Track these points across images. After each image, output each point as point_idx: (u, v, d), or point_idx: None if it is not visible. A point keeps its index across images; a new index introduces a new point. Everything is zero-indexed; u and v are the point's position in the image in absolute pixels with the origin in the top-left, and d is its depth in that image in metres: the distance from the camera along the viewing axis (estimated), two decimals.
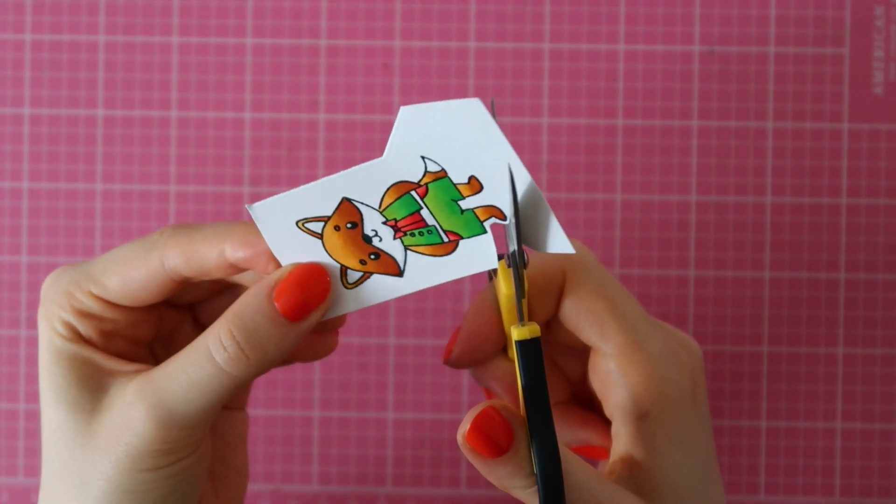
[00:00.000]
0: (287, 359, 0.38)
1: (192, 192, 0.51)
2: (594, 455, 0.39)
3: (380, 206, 0.33)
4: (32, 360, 0.50)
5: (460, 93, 0.50)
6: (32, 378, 0.50)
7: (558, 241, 0.33)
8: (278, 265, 0.34)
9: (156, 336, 0.39)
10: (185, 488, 0.36)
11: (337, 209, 0.33)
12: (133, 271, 0.35)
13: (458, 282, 0.50)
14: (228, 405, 0.40)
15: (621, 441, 0.36)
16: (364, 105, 0.51)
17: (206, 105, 0.51)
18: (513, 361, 0.38)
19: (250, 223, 0.34)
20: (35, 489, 0.50)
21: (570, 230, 0.50)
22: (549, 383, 0.39)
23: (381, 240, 0.34)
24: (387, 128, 0.50)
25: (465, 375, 0.50)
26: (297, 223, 0.34)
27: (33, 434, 0.50)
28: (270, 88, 0.51)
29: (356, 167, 0.33)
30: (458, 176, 0.33)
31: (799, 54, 0.50)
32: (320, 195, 0.33)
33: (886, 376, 0.50)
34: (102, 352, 0.36)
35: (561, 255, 0.36)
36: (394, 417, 0.50)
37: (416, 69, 0.51)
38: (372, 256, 0.34)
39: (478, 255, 0.34)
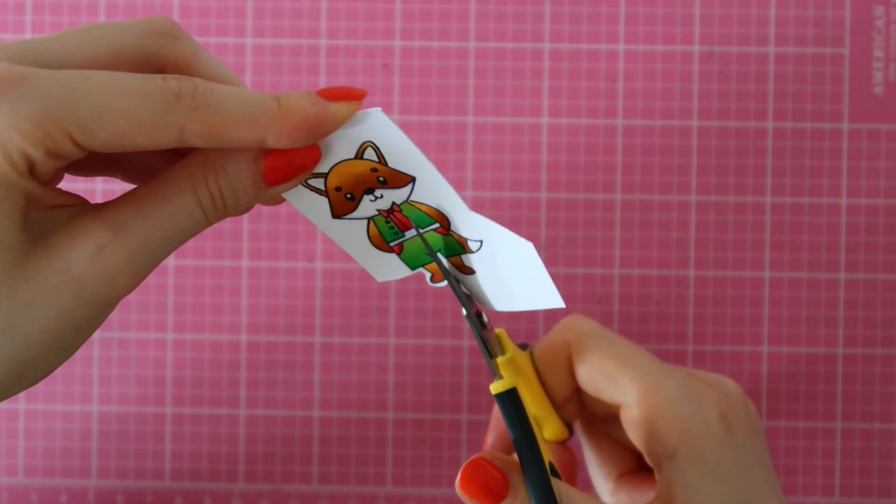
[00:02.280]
0: None
1: None
2: None
3: (407, 199, 0.34)
4: None
5: (460, 93, 0.50)
6: None
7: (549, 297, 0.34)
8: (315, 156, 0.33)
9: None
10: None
11: (398, 172, 0.33)
12: (138, 134, 0.30)
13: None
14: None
15: (658, 484, 0.37)
16: (364, 105, 0.51)
17: None
18: (550, 442, 0.41)
19: (289, 101, 0.32)
20: (35, 488, 0.50)
21: (570, 230, 0.50)
22: (612, 456, 0.42)
23: (373, 200, 0.34)
24: None
25: (465, 376, 0.50)
26: (364, 142, 0.33)
27: (33, 434, 0.50)
28: (270, 88, 0.51)
29: (445, 180, 0.33)
30: (474, 245, 0.34)
31: (799, 54, 0.50)
32: (405, 155, 0.33)
33: (886, 376, 0.50)
34: (43, 184, 0.31)
35: (563, 330, 0.39)
36: (394, 417, 0.50)
37: (416, 69, 0.51)
38: (348, 196, 0.34)
39: (384, 267, 0.36)
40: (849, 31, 0.50)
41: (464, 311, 0.35)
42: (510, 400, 0.34)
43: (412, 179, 0.33)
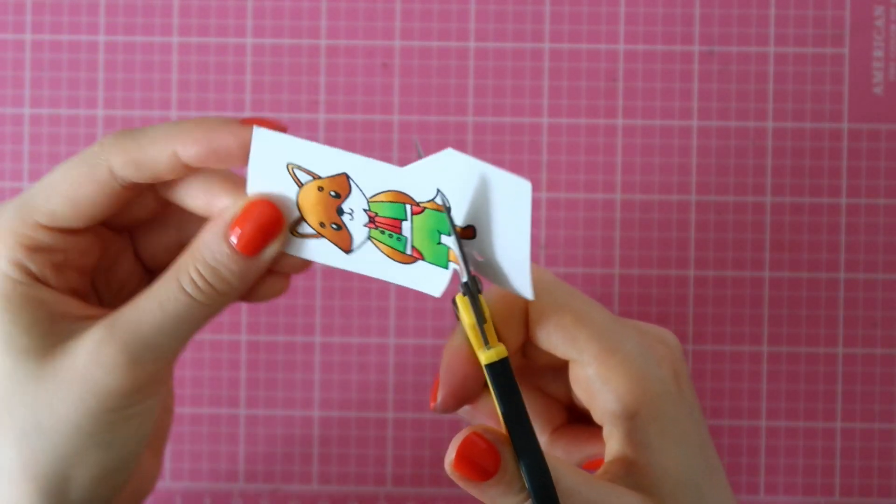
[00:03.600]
0: (244, 296, 0.38)
1: None
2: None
3: (370, 197, 0.34)
4: None
5: (460, 93, 0.50)
6: None
7: (523, 286, 0.34)
8: (235, 162, 0.34)
9: (98, 266, 0.38)
10: (145, 429, 0.36)
11: (333, 176, 0.34)
12: (80, 189, 0.34)
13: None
14: None
15: (614, 443, 0.36)
16: (364, 105, 0.51)
17: (206, 105, 0.51)
18: None
19: (199, 119, 0.34)
20: None
21: (570, 230, 0.50)
22: (546, 410, 0.40)
23: (352, 219, 0.34)
24: (387, 128, 0.51)
25: None
26: (288, 165, 0.34)
27: None
28: (270, 88, 0.51)
29: (374, 160, 0.33)
30: (459, 220, 0.33)
31: (799, 54, 0.50)
32: (326, 158, 0.34)
33: (886, 376, 0.50)
34: (54, 291, 0.35)
35: None
36: (394, 417, 0.50)
37: (416, 69, 0.51)
38: (333, 226, 0.34)
39: (428, 278, 0.34)
40: (849, 31, 0.50)
41: (464, 277, 0.33)
42: (503, 370, 0.32)
43: (346, 175, 0.34)
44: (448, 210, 0.33)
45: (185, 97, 0.51)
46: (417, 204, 0.33)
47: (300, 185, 0.34)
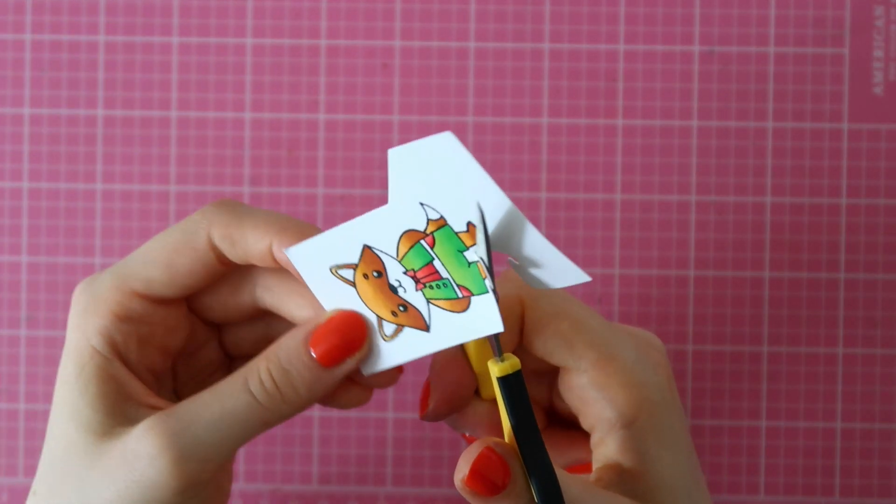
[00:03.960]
0: (322, 401, 0.37)
1: (192, 192, 0.51)
2: (585, 471, 0.39)
3: (397, 255, 0.33)
4: (32, 359, 0.50)
5: (460, 93, 0.50)
6: (32, 378, 0.50)
7: (569, 273, 0.31)
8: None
9: (182, 350, 0.38)
10: None
11: (361, 257, 0.33)
12: (178, 256, 0.34)
13: None
14: None
15: (606, 450, 0.35)
16: (364, 105, 0.51)
17: (206, 105, 0.51)
18: (487, 401, 0.38)
19: (300, 222, 0.34)
20: None
21: (570, 230, 0.50)
22: None
23: (405, 291, 0.33)
24: (387, 128, 0.51)
25: None
26: (330, 269, 0.33)
27: (33, 434, 0.50)
28: (270, 88, 0.51)
29: (369, 213, 0.32)
30: (457, 223, 0.31)
31: (799, 54, 0.50)
32: (344, 241, 0.33)
33: (886, 376, 0.50)
34: (129, 371, 0.35)
35: (514, 285, 0.36)
36: (394, 417, 0.50)
37: (416, 69, 0.51)
38: (401, 308, 0.33)
39: (484, 316, 0.32)
40: (849, 31, 0.50)
41: (489, 284, 0.31)
42: (516, 382, 0.31)
43: (367, 247, 0.33)
44: (445, 220, 0.32)
45: (185, 97, 0.51)
46: (424, 233, 0.32)
47: (351, 283, 0.33)
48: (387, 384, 0.36)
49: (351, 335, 0.34)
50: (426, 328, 0.33)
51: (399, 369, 0.36)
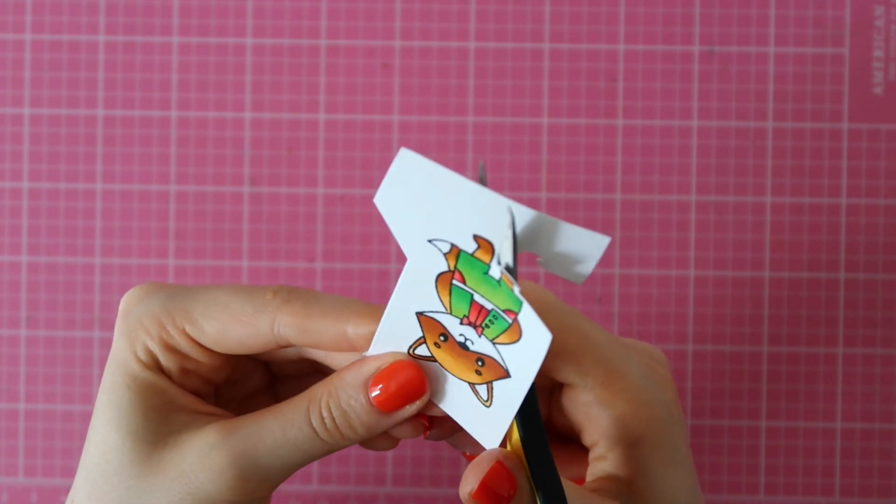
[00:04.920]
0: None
1: (192, 192, 0.51)
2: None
3: (446, 308, 0.32)
4: (32, 359, 0.50)
5: (460, 93, 0.50)
6: (32, 378, 0.50)
7: (591, 242, 0.30)
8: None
9: (228, 378, 0.38)
10: None
11: (421, 327, 0.32)
12: (238, 326, 0.34)
13: None
14: None
15: (606, 465, 0.35)
16: (364, 105, 0.51)
17: (206, 105, 0.51)
18: None
19: (369, 303, 0.34)
20: (35, 488, 0.50)
21: None
22: None
23: (472, 343, 0.32)
24: (387, 128, 0.51)
25: None
26: (408, 351, 0.33)
27: (33, 434, 0.50)
28: (270, 88, 0.51)
29: (400, 281, 0.32)
30: (466, 244, 0.30)
31: (799, 54, 0.50)
32: (401, 320, 0.32)
33: (886, 376, 0.50)
34: (177, 385, 0.35)
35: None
36: None
37: (416, 69, 0.51)
38: (479, 363, 0.32)
39: (533, 332, 0.29)
40: (849, 31, 0.50)
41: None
42: (529, 397, 0.31)
43: (418, 314, 0.32)
44: (457, 247, 0.30)
45: (185, 97, 0.51)
46: (451, 271, 0.31)
47: (432, 359, 0.33)
48: (413, 435, 0.36)
49: (410, 385, 0.34)
50: (507, 374, 0.31)
51: (395, 443, 0.36)
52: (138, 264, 0.50)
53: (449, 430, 0.36)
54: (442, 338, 0.32)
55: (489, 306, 0.30)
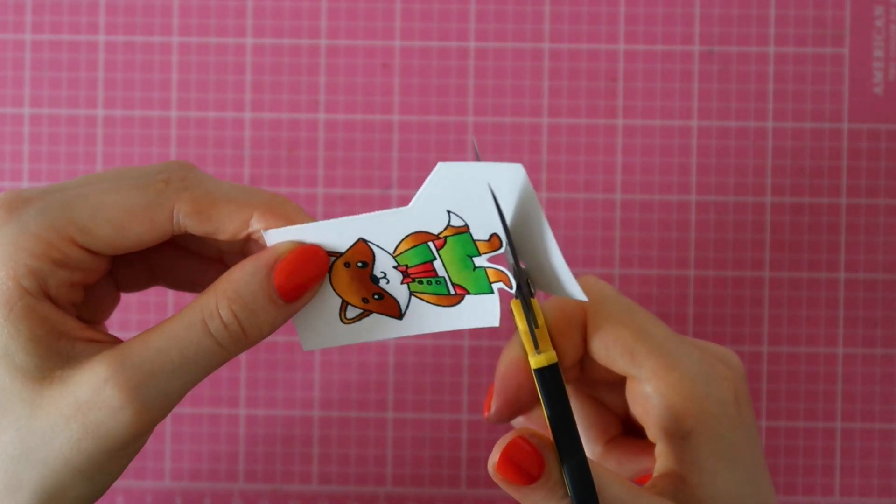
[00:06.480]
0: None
1: None
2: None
3: (394, 251, 0.33)
4: None
5: (460, 93, 0.50)
6: None
7: (571, 289, 0.33)
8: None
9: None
10: (129, 461, 0.33)
11: (351, 247, 0.33)
12: (134, 223, 0.32)
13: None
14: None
15: (665, 459, 0.36)
16: (364, 105, 0.51)
17: (206, 105, 0.51)
18: None
19: (275, 196, 0.33)
20: None
21: (570, 230, 0.50)
22: (601, 420, 0.40)
23: (388, 282, 0.34)
24: (387, 128, 0.51)
25: (465, 376, 0.50)
26: None
27: None
28: (270, 88, 0.51)
29: (380, 212, 0.33)
30: (480, 233, 0.32)
31: (799, 54, 0.50)
32: (338, 232, 0.33)
33: (886, 376, 0.50)
34: (57, 307, 0.32)
35: None
36: (394, 417, 0.50)
37: (416, 69, 0.51)
38: (376, 296, 0.34)
39: (480, 311, 0.34)
40: (849, 31, 0.50)
41: (514, 282, 0.33)
42: (552, 376, 0.32)
43: (362, 240, 0.33)
44: (468, 229, 0.32)
45: (185, 97, 0.51)
46: (437, 236, 0.33)
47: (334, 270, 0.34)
48: None
49: (313, 268, 0.33)
50: (399, 316, 0.34)
51: None
52: None
53: (507, 412, 0.37)
54: (360, 264, 0.33)
55: (441, 273, 0.33)
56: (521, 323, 0.34)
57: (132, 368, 0.31)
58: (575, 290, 0.33)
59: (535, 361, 0.32)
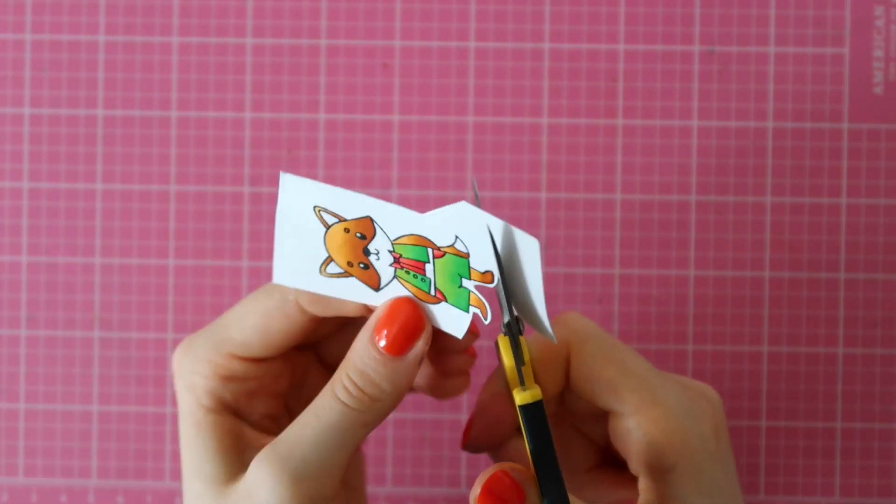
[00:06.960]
0: (416, 390, 0.39)
1: (192, 192, 0.51)
2: None
3: (395, 240, 0.34)
4: (32, 359, 0.50)
5: (460, 93, 0.50)
6: (33, 378, 0.50)
7: (546, 332, 0.34)
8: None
9: (290, 385, 0.39)
10: None
11: (358, 219, 0.34)
12: (271, 321, 0.36)
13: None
14: None
15: (647, 494, 0.36)
16: (364, 105, 0.51)
17: (206, 105, 0.51)
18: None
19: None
20: (35, 488, 0.50)
21: (570, 230, 0.50)
22: (581, 450, 0.41)
23: (378, 259, 0.35)
24: (387, 128, 0.51)
25: None
26: (315, 207, 0.35)
27: (33, 434, 0.50)
28: (270, 88, 0.51)
29: (397, 206, 0.34)
30: (478, 265, 0.33)
31: (799, 54, 0.50)
32: (352, 203, 0.34)
33: (886, 376, 0.50)
34: (245, 421, 0.37)
35: (562, 328, 0.38)
36: (394, 417, 0.50)
37: (416, 69, 0.51)
38: (361, 265, 0.35)
39: (451, 319, 0.35)
40: (849, 31, 0.50)
41: (506, 317, 0.34)
42: (537, 412, 0.33)
43: (370, 219, 0.34)
44: (468, 256, 0.33)
45: (185, 97, 0.51)
46: (438, 248, 0.34)
47: (327, 226, 0.35)
48: (469, 366, 0.38)
49: (409, 320, 0.35)
50: (376, 289, 0.35)
51: (467, 381, 0.39)
52: (138, 264, 0.50)
53: (485, 441, 0.38)
54: (359, 235, 0.34)
55: (429, 275, 0.34)
56: (507, 359, 0.34)
57: (282, 444, 0.35)
58: (548, 333, 0.34)
59: (521, 398, 0.33)
